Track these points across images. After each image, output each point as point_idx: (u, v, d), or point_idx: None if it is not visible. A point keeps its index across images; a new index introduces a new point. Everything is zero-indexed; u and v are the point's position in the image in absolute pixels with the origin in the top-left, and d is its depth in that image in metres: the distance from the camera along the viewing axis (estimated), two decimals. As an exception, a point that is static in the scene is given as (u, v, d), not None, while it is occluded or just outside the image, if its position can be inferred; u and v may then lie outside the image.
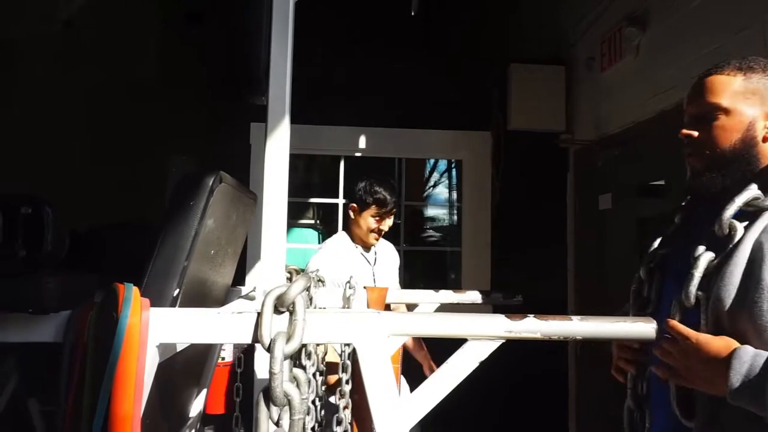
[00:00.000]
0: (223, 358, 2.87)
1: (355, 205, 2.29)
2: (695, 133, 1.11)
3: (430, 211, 5.21)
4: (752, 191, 1.03)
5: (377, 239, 2.29)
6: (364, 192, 2.28)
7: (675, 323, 0.99)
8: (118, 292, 0.92)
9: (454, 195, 4.97)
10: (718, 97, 1.09)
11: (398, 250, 3.37)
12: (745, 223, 1.01)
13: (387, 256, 2.39)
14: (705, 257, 1.01)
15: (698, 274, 1.00)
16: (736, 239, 0.99)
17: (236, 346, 2.91)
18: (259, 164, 1.70)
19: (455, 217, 4.19)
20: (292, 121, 1.19)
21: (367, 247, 2.33)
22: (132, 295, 0.92)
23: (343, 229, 2.38)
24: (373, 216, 2.25)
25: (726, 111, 1.08)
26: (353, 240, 2.32)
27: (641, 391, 1.17)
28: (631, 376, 1.20)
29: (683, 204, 1.25)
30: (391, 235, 2.47)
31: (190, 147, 2.98)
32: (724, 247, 1.00)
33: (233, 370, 2.89)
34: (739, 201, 1.02)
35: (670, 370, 0.99)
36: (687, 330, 0.97)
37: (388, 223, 2.28)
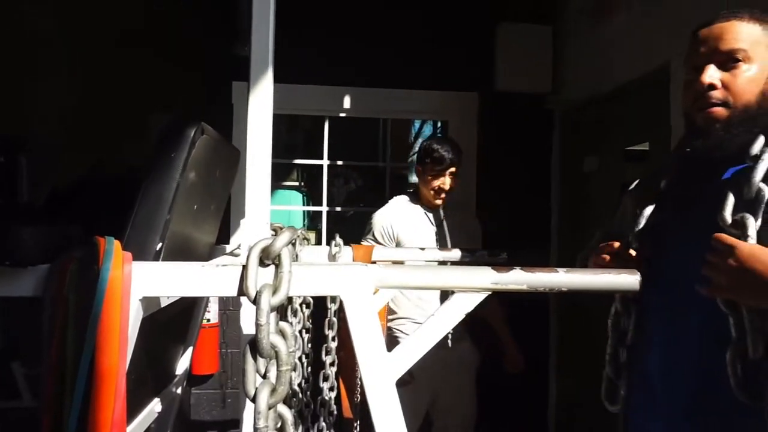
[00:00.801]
0: (209, 320, 2.88)
1: (418, 166, 2.39)
2: (718, 82, 1.01)
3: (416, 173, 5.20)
4: None
5: (441, 198, 2.32)
6: (423, 152, 2.38)
7: (722, 235, 0.92)
8: (99, 245, 0.90)
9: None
10: (742, 43, 1.00)
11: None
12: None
13: (458, 223, 2.41)
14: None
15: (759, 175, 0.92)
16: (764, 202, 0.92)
17: (221, 308, 2.91)
18: (241, 125, 1.66)
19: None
20: (275, 81, 1.16)
21: (432, 209, 2.36)
22: (113, 248, 0.90)
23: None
24: (431, 174, 2.31)
25: (750, 59, 1.00)
26: (419, 200, 2.39)
27: (621, 359, 1.16)
28: (610, 342, 1.19)
29: (665, 166, 1.20)
30: (376, 196, 2.47)
31: (170, 104, 2.90)
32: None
33: (221, 330, 2.91)
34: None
35: (715, 286, 0.92)
36: (736, 240, 0.91)
37: (448, 181, 2.31)
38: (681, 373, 1.04)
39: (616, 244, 1.12)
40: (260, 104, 1.17)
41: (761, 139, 0.97)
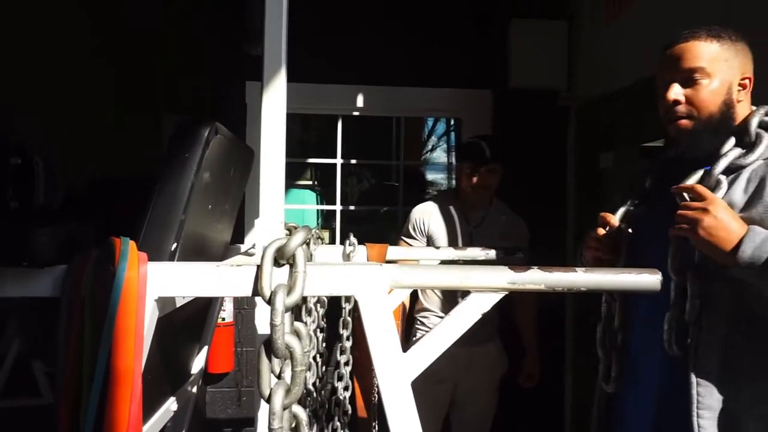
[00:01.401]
0: (224, 319, 2.89)
1: (458, 163, 2.37)
2: (682, 98, 1.16)
3: (429, 171, 5.19)
4: (737, 150, 1.12)
5: (480, 197, 2.30)
6: (462, 148, 2.39)
7: (698, 186, 1.09)
8: (115, 246, 0.91)
9: (453, 154, 4.93)
10: (701, 61, 1.14)
11: (396, 210, 3.37)
12: (730, 177, 1.12)
13: (500, 226, 2.35)
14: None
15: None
16: (722, 193, 1.10)
17: (236, 307, 2.93)
18: (255, 125, 1.65)
19: (454, 178, 4.16)
20: (288, 80, 1.16)
21: (472, 208, 2.33)
22: (129, 249, 0.90)
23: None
24: (468, 170, 2.27)
25: (709, 75, 1.14)
26: (458, 199, 2.36)
27: (611, 341, 1.28)
28: (600, 326, 1.31)
29: (652, 166, 1.34)
30: (389, 195, 2.46)
31: (185, 106, 2.92)
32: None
33: (236, 329, 2.93)
34: (730, 157, 1.11)
35: (685, 230, 1.07)
36: (710, 192, 1.07)
37: (485, 178, 2.26)
38: (657, 354, 1.16)
39: (610, 218, 1.31)
40: (274, 103, 1.16)
41: (731, 141, 1.13)
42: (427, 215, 2.34)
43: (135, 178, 1.36)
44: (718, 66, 1.14)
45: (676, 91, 1.16)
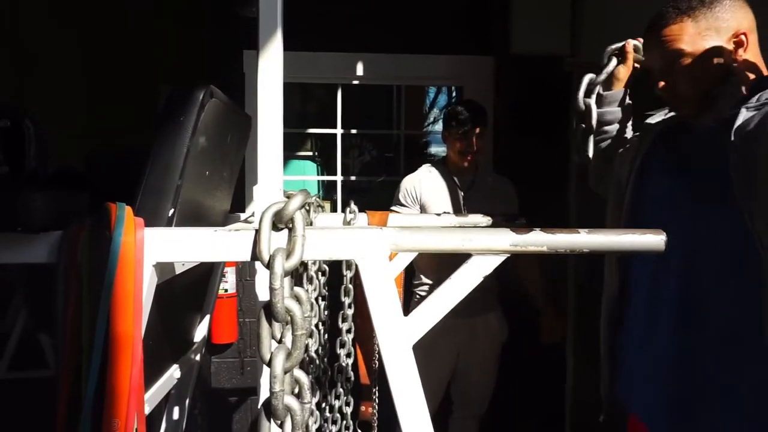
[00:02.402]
0: (226, 290, 2.90)
1: (444, 131, 2.38)
2: (671, 87, 1.15)
3: (431, 140, 5.13)
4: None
5: (468, 161, 2.31)
6: (447, 116, 2.39)
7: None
8: (111, 212, 0.89)
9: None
10: (679, 44, 1.11)
11: (398, 181, 3.35)
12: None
13: (490, 189, 2.39)
14: None
15: None
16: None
17: (238, 278, 2.93)
18: (253, 94, 1.63)
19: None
20: (286, 48, 1.13)
21: (461, 173, 2.35)
22: (125, 214, 0.89)
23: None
24: (456, 137, 2.30)
25: (692, 54, 1.10)
26: (447, 166, 2.39)
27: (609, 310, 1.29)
28: (604, 296, 1.29)
29: (658, 132, 1.30)
30: (390, 165, 2.45)
31: (181, 76, 2.88)
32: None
33: (239, 300, 2.94)
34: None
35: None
36: None
37: (473, 143, 2.29)
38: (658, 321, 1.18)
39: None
40: (270, 66, 1.14)
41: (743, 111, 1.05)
42: (418, 183, 2.35)
43: (131, 148, 1.35)
44: (697, 42, 1.10)
45: (662, 84, 1.16)
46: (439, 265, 2.21)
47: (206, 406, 3.01)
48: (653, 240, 0.90)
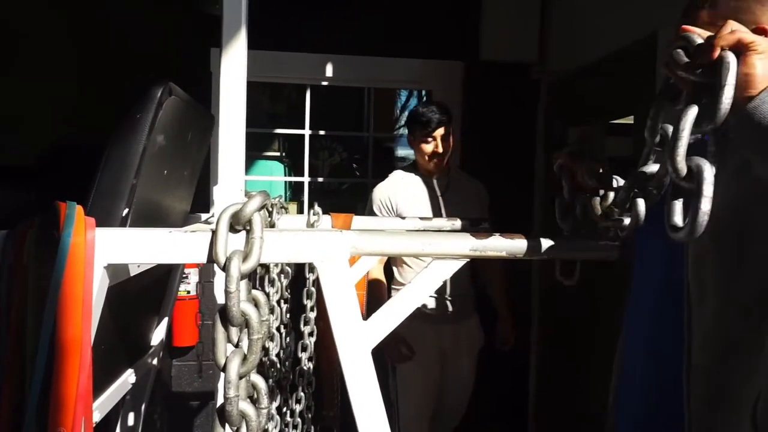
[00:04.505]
0: (188, 292, 2.84)
1: (409, 135, 2.31)
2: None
3: (400, 144, 5.14)
4: None
5: (435, 163, 2.25)
6: (410, 118, 2.32)
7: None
8: (59, 211, 0.86)
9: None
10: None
11: (366, 183, 3.34)
12: None
13: (465, 190, 2.35)
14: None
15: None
16: None
17: (199, 280, 2.88)
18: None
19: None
20: (254, 47, 1.11)
21: (433, 176, 2.29)
22: (75, 213, 0.85)
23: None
24: (421, 140, 2.23)
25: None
26: (417, 170, 2.32)
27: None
28: None
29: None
30: (359, 168, 2.43)
31: (146, 74, 2.81)
32: None
33: (200, 302, 2.89)
34: None
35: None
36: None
37: (439, 144, 2.22)
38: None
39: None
40: (233, 64, 1.12)
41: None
42: (392, 192, 2.29)
43: (86, 146, 1.30)
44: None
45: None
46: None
47: (166, 411, 2.95)
48: (612, 247, 0.91)
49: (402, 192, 2.28)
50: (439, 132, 2.22)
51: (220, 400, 1.03)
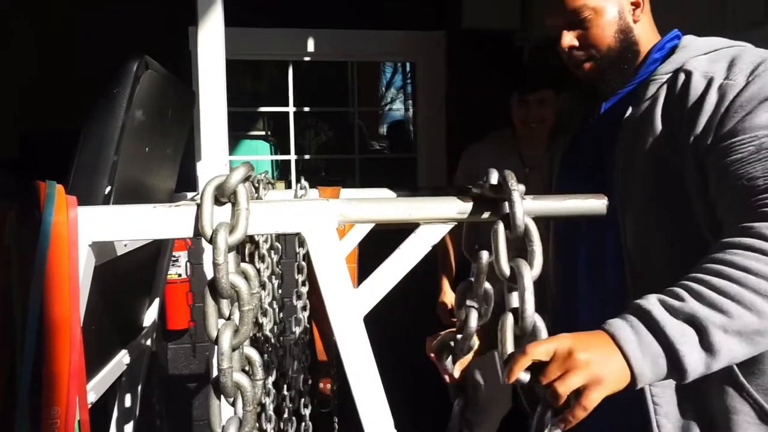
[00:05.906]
0: (180, 275, 2.83)
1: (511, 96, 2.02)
2: (576, 42, 1.10)
3: (386, 117, 5.11)
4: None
5: (528, 133, 1.94)
6: (514, 75, 2.06)
7: (531, 346, 0.76)
8: (40, 190, 0.85)
9: (410, 100, 4.87)
10: (581, 0, 1.07)
11: (352, 159, 3.32)
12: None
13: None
14: None
15: None
16: None
17: (189, 260, 2.86)
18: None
19: (411, 123, 4.11)
20: (232, 24, 1.08)
21: (527, 146, 1.97)
22: (55, 192, 0.84)
23: None
24: (518, 105, 1.95)
25: (595, 9, 1.08)
26: (514, 136, 2.03)
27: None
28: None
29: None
30: (346, 144, 2.39)
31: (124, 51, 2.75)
32: None
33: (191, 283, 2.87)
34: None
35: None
36: (548, 343, 0.76)
37: (534, 111, 1.89)
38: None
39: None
40: (209, 39, 1.10)
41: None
42: (476, 159, 2.04)
43: (68, 130, 1.28)
44: None
45: (568, 39, 1.10)
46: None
47: (164, 393, 2.96)
48: (595, 204, 0.91)
49: (486, 161, 1.97)
50: (536, 96, 1.90)
51: (215, 374, 1.03)
